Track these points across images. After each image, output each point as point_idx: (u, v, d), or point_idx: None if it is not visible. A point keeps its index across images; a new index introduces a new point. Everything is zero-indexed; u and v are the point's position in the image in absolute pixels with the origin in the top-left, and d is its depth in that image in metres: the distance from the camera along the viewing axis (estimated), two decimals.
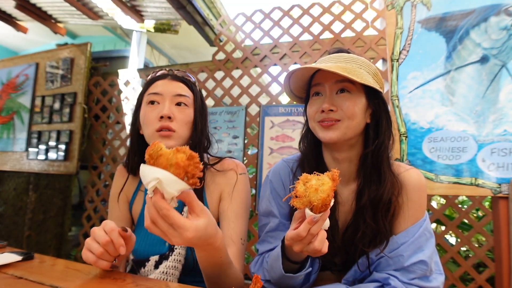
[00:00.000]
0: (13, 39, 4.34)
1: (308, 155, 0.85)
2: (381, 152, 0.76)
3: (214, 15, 3.01)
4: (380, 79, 0.80)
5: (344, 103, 0.74)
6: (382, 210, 0.74)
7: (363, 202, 0.75)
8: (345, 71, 0.71)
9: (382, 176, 0.75)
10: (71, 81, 2.77)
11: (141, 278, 0.64)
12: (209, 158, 0.97)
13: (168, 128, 0.83)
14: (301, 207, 0.58)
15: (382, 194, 0.74)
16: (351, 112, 0.74)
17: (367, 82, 0.72)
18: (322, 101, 0.76)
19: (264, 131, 2.08)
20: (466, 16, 1.29)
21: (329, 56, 0.80)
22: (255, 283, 0.51)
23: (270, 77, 2.18)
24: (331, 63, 0.77)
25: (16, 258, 0.68)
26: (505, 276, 1.14)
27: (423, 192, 0.77)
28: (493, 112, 1.21)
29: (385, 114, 0.78)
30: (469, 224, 1.78)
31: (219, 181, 0.91)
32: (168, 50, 4.36)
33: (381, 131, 0.77)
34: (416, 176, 0.78)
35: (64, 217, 2.64)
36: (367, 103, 0.77)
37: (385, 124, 0.78)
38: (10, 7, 2.91)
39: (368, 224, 0.74)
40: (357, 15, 2.00)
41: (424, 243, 0.73)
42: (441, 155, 1.26)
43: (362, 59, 0.79)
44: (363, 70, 0.76)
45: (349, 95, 0.75)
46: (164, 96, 0.86)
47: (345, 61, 0.77)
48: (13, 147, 2.98)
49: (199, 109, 0.91)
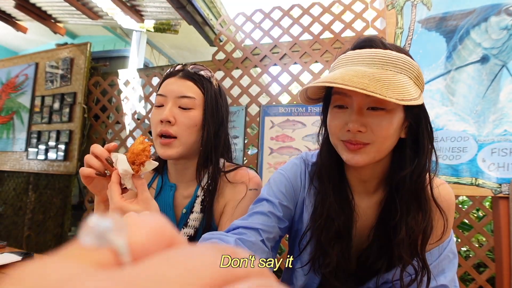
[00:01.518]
0: (12, 39, 4.34)
1: (327, 167, 0.70)
2: (422, 177, 0.62)
3: (214, 15, 3.01)
4: (423, 81, 0.62)
5: (378, 124, 0.59)
6: (423, 244, 0.63)
7: (401, 237, 0.62)
8: (381, 86, 0.53)
9: (423, 206, 0.63)
10: (70, 81, 2.76)
11: None
12: (225, 163, 0.88)
13: (167, 133, 0.77)
14: None
15: (425, 227, 0.62)
16: (385, 135, 0.59)
17: (409, 100, 0.54)
18: (348, 117, 0.61)
19: (264, 131, 2.08)
20: (466, 16, 1.29)
21: (359, 53, 0.61)
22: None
23: (270, 77, 2.18)
24: (360, 66, 0.59)
25: (16, 258, 0.68)
26: (505, 276, 1.14)
27: (452, 212, 0.69)
28: (494, 112, 1.21)
29: (426, 127, 0.63)
30: (469, 224, 1.78)
31: (226, 192, 0.85)
32: (168, 50, 4.36)
33: (422, 151, 0.62)
34: (447, 195, 0.68)
35: (64, 217, 2.63)
36: (404, 116, 0.61)
37: (426, 141, 0.63)
38: (9, 6, 2.91)
39: (406, 261, 0.62)
40: (357, 15, 2.00)
41: (447, 266, 0.67)
42: (441, 155, 1.26)
43: (403, 59, 0.59)
44: (403, 76, 0.58)
45: (384, 114, 0.59)
46: (168, 98, 0.80)
47: (381, 63, 0.58)
48: (12, 147, 2.98)
49: (211, 110, 0.82)
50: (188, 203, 0.86)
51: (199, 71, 0.84)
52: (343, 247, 0.68)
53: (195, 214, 0.83)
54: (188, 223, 0.82)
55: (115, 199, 0.61)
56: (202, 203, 0.83)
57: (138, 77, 2.61)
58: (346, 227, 0.69)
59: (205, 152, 0.82)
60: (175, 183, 0.88)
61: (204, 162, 0.83)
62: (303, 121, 1.97)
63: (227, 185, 0.85)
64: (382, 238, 0.67)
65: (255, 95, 2.18)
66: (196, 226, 0.83)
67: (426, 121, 0.64)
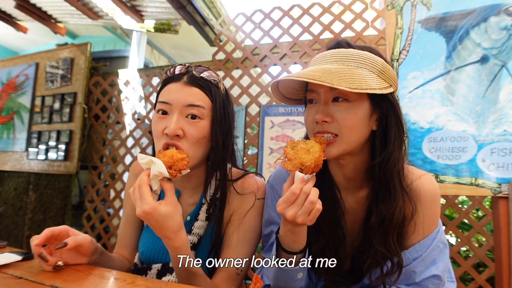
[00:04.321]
0: (13, 39, 4.34)
1: None
2: (390, 165, 0.65)
3: (214, 15, 3.01)
4: (390, 76, 0.67)
5: (340, 114, 0.64)
6: (393, 233, 0.65)
7: (371, 223, 0.66)
8: (336, 77, 0.59)
9: (392, 194, 0.65)
10: (71, 81, 2.76)
11: (141, 278, 0.64)
12: (231, 170, 0.86)
13: (175, 146, 0.72)
14: (293, 169, 0.60)
15: (392, 215, 0.64)
16: (350, 125, 0.63)
17: (365, 89, 0.59)
18: (316, 110, 0.67)
19: (264, 131, 2.08)
20: (466, 16, 1.29)
21: (324, 54, 0.69)
22: (255, 283, 0.51)
23: (270, 77, 2.18)
24: (325, 64, 0.67)
25: (16, 258, 0.68)
26: (505, 276, 1.14)
27: (437, 202, 0.69)
28: (493, 112, 1.21)
29: (394, 119, 0.66)
30: (469, 224, 1.78)
31: (234, 201, 0.83)
32: (168, 50, 4.36)
33: (390, 141, 0.66)
34: (429, 185, 0.69)
35: (64, 217, 2.64)
36: (371, 108, 0.65)
37: (394, 131, 0.66)
38: (10, 7, 2.91)
39: (377, 250, 0.65)
40: (357, 15, 2.00)
41: (438, 256, 0.68)
42: (441, 155, 1.26)
43: (365, 55, 0.66)
44: (363, 70, 0.64)
45: (346, 104, 0.64)
46: (173, 106, 0.73)
47: (342, 60, 0.65)
48: (13, 147, 2.98)
49: (219, 120, 0.77)
50: (192, 211, 0.85)
51: (206, 76, 0.78)
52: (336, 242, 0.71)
53: (200, 222, 0.82)
54: (193, 231, 0.81)
55: (148, 200, 0.62)
56: (207, 211, 0.82)
57: (138, 77, 2.61)
58: (335, 220, 0.72)
59: (214, 163, 0.79)
60: (179, 190, 0.86)
61: (213, 173, 0.81)
62: (303, 121, 1.96)
63: (235, 194, 0.83)
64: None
65: (255, 95, 2.18)
66: (201, 234, 0.82)
67: (395, 113, 0.67)
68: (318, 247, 0.71)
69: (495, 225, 1.21)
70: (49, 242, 0.66)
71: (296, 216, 0.58)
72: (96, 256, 0.73)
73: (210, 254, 0.81)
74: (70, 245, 0.65)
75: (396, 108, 0.67)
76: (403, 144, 0.68)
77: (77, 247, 0.67)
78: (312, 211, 0.58)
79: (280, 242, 0.67)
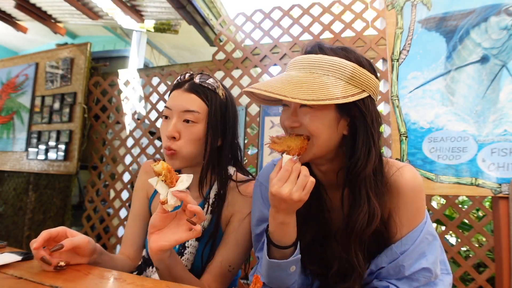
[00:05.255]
0: (13, 39, 4.34)
1: None
2: (357, 172, 0.65)
3: (214, 15, 3.01)
4: (363, 81, 0.65)
5: (306, 119, 0.65)
6: (355, 240, 0.65)
7: (338, 227, 0.66)
8: (297, 88, 0.61)
9: (357, 200, 0.66)
10: (71, 81, 2.76)
11: (141, 278, 0.64)
12: (236, 172, 0.91)
13: (169, 149, 0.80)
14: (279, 149, 0.65)
15: (353, 225, 0.64)
16: (313, 129, 0.65)
17: (323, 100, 0.59)
18: (287, 115, 0.71)
19: (264, 131, 2.08)
20: (466, 16, 1.29)
21: (296, 59, 0.69)
22: (255, 283, 0.52)
23: (270, 77, 2.17)
24: (293, 70, 0.68)
25: (16, 258, 0.68)
26: (505, 276, 1.14)
27: (419, 193, 0.68)
28: (493, 112, 1.21)
29: (363, 125, 0.65)
30: (469, 224, 1.78)
31: (237, 203, 0.87)
32: (168, 50, 4.36)
33: (357, 147, 0.65)
34: (408, 176, 0.68)
35: (64, 217, 2.64)
36: (337, 115, 0.65)
37: (362, 137, 0.65)
38: (10, 7, 2.91)
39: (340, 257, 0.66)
40: (357, 15, 2.00)
41: (427, 248, 0.67)
42: (441, 155, 1.26)
43: (333, 61, 0.64)
44: (329, 78, 0.63)
45: (311, 111, 0.65)
46: (173, 111, 0.82)
47: (309, 67, 0.65)
48: (13, 147, 2.98)
49: (215, 123, 0.83)
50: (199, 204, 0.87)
51: (204, 82, 0.83)
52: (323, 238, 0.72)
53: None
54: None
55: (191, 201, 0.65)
56: (212, 205, 0.86)
57: (138, 77, 2.61)
58: (320, 217, 0.74)
59: (207, 165, 0.84)
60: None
61: (206, 175, 0.85)
62: None
63: (237, 196, 0.87)
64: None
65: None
66: (205, 226, 0.86)
67: (364, 120, 0.66)
68: (306, 241, 0.72)
69: (495, 225, 1.20)
70: (48, 244, 0.66)
71: (292, 193, 0.59)
72: (95, 256, 0.73)
73: (207, 244, 0.85)
74: (66, 247, 0.65)
75: (365, 114, 0.65)
76: (372, 151, 0.66)
77: (74, 249, 0.67)
78: (306, 184, 0.60)
79: (270, 238, 0.67)
